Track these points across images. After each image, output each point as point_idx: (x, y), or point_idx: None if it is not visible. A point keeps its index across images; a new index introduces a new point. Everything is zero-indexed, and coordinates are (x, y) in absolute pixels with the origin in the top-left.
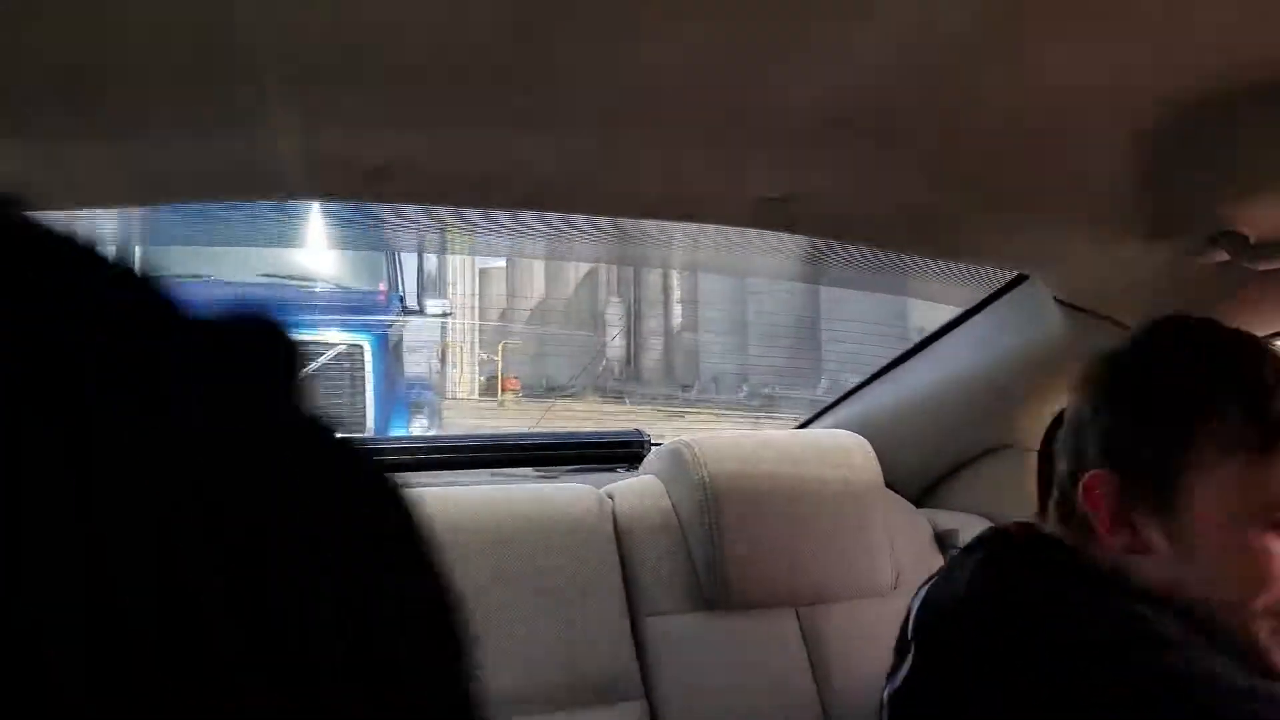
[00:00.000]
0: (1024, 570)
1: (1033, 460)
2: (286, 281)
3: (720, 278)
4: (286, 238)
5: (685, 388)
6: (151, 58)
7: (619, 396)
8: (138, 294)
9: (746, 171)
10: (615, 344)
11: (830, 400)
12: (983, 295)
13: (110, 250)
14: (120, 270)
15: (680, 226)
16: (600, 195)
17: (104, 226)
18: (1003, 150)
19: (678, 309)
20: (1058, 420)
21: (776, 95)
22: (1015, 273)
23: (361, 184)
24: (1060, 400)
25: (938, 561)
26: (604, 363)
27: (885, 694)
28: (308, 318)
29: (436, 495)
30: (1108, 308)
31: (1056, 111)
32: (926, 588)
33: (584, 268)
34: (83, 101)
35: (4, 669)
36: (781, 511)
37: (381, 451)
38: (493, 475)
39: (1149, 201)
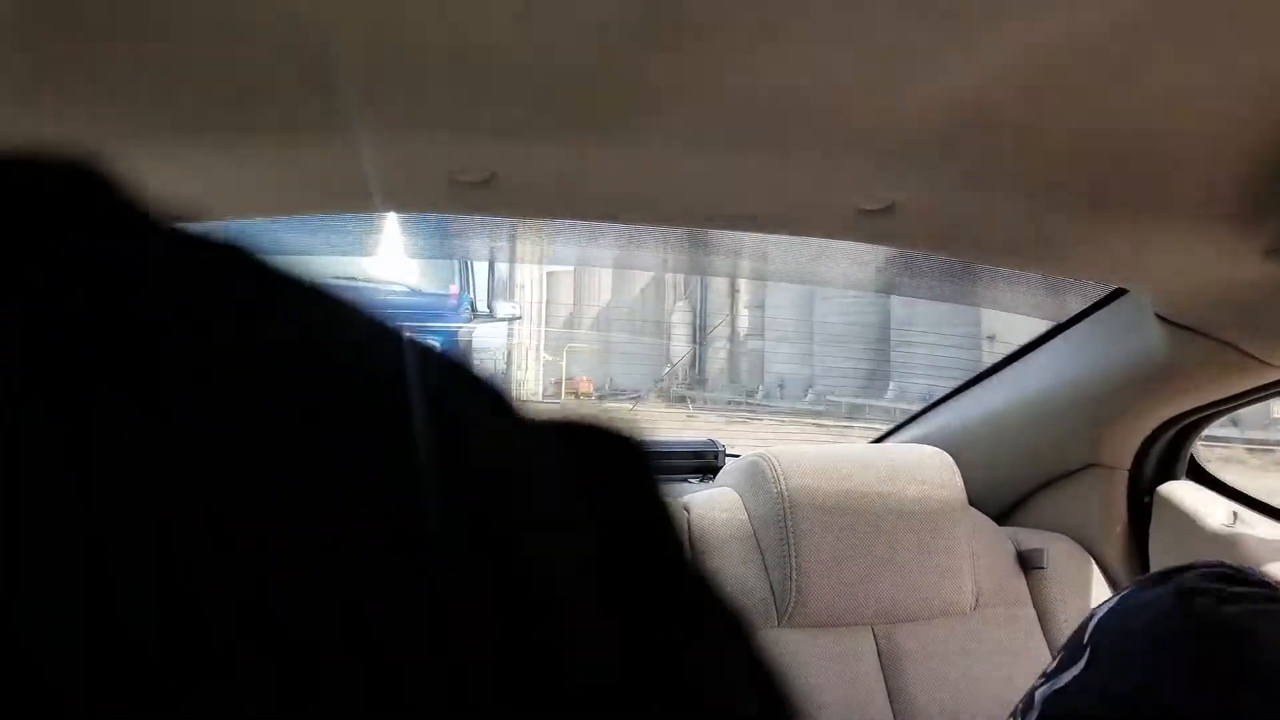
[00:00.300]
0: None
1: (1122, 480)
2: (360, 284)
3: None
4: (361, 247)
5: (750, 393)
6: (258, 71)
7: (683, 401)
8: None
9: (849, 184)
10: (680, 348)
11: (902, 407)
12: (1074, 309)
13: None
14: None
15: (751, 236)
16: (700, 208)
17: None
18: (1116, 164)
19: (744, 313)
20: (1150, 439)
21: (885, 108)
22: (1112, 287)
23: (459, 196)
24: (1155, 419)
25: (1020, 582)
26: (669, 366)
27: (1040, 693)
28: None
29: None
30: (1213, 326)
31: (1177, 124)
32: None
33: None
34: (189, 117)
35: (2, 669)
36: (860, 527)
37: None
38: None
39: (1268, 218)
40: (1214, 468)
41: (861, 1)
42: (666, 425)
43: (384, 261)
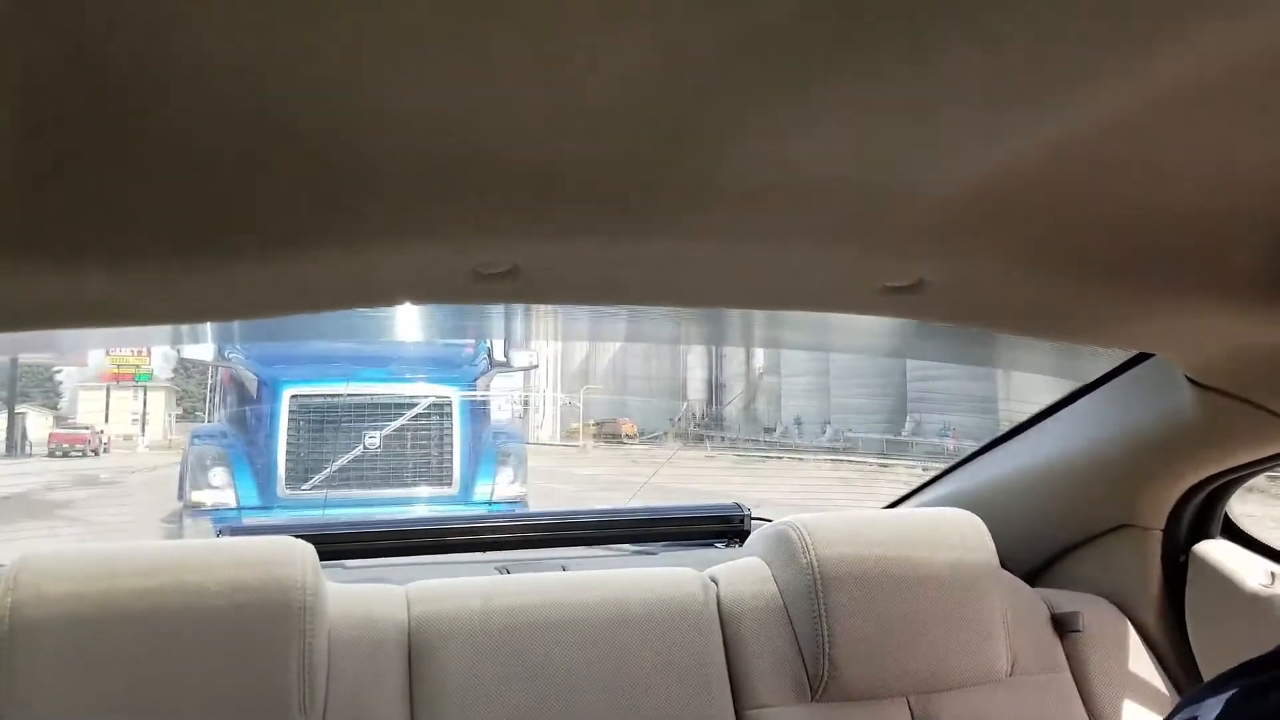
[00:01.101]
0: None
1: (1155, 540)
2: (379, 338)
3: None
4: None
5: (768, 430)
6: (291, 182)
7: (700, 440)
8: None
9: (876, 264)
10: (697, 387)
11: (918, 441)
12: (1098, 370)
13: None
14: None
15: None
16: (725, 290)
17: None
18: (1141, 238)
19: (760, 352)
20: (1184, 499)
21: (912, 192)
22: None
23: (482, 288)
24: (1188, 479)
25: (1056, 646)
26: (685, 406)
27: None
28: (397, 371)
29: (542, 580)
30: (1244, 388)
31: (1201, 199)
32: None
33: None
34: (232, 225)
35: None
36: (892, 595)
37: (479, 531)
38: (589, 550)
39: None
40: (1235, 496)
41: (889, 92)
42: (687, 465)
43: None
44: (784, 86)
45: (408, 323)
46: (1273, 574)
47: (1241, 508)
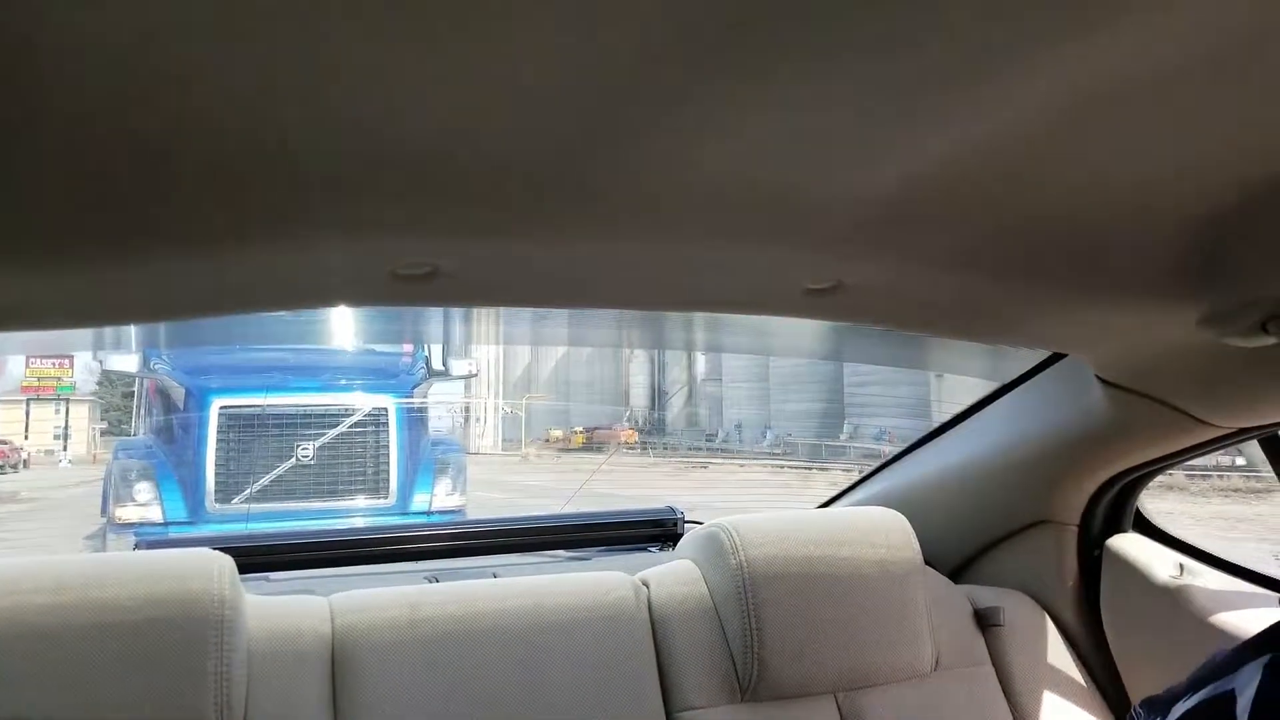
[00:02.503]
0: None
1: (1071, 535)
2: (312, 344)
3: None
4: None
5: (709, 436)
6: (212, 180)
7: (642, 447)
8: None
9: (796, 267)
10: (639, 394)
11: (856, 445)
12: (1019, 371)
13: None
14: None
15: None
16: (648, 291)
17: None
18: (1055, 240)
19: (701, 358)
20: (1097, 494)
21: (831, 195)
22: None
23: (400, 290)
24: (1101, 475)
25: (979, 641)
26: (628, 413)
27: None
28: (331, 381)
29: (470, 588)
30: (1152, 387)
31: (1114, 204)
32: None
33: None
34: (141, 224)
35: None
36: (819, 594)
37: (407, 540)
38: (522, 557)
39: (1201, 285)
40: (1156, 494)
41: (804, 95)
42: (630, 471)
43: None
44: (700, 88)
45: (343, 328)
46: (1181, 566)
47: (1161, 504)
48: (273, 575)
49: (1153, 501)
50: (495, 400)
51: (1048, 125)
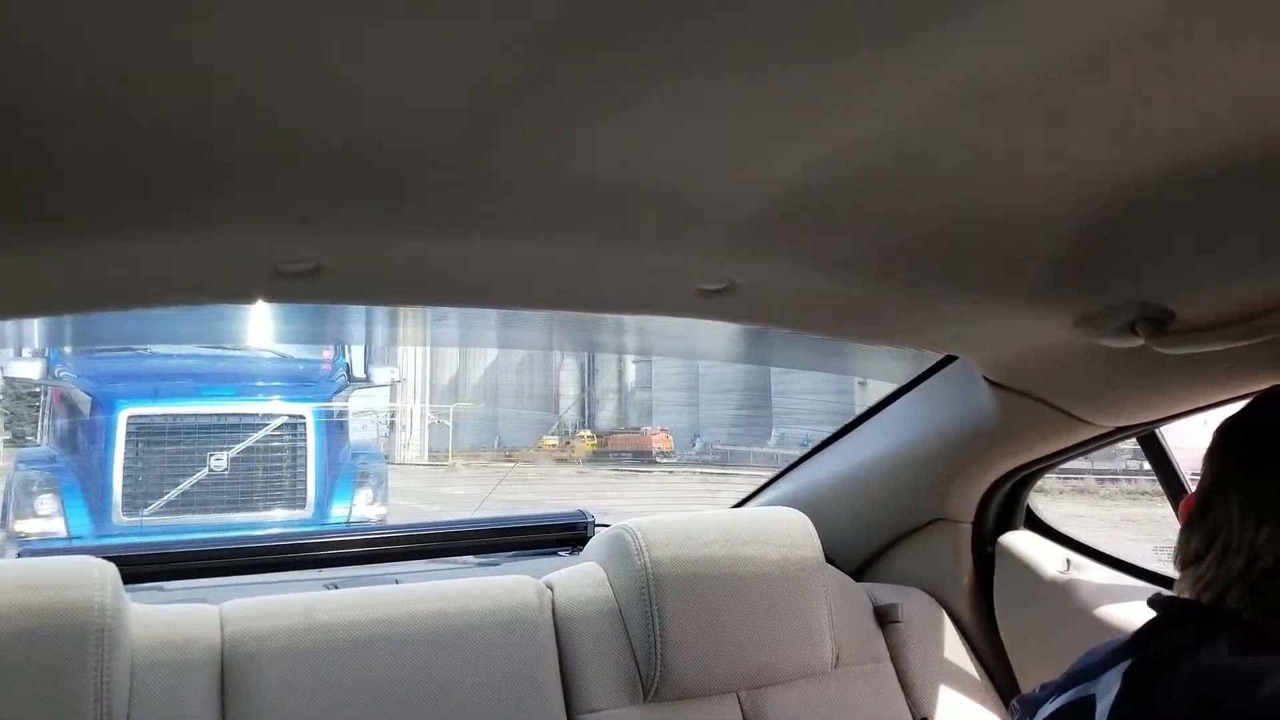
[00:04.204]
0: None
1: (966, 533)
2: (226, 350)
3: (695, 331)
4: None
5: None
6: (81, 163)
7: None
8: None
9: (688, 266)
10: (569, 403)
11: (782, 453)
12: (917, 372)
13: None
14: None
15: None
16: (538, 291)
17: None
18: (940, 243)
19: (632, 367)
20: (989, 493)
21: (720, 194)
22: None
23: (284, 287)
24: (992, 474)
25: (878, 637)
26: (557, 421)
27: None
28: (247, 388)
29: (368, 594)
30: (1036, 388)
31: (995, 208)
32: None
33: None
34: (13, 208)
35: None
36: (723, 594)
37: (307, 548)
38: (430, 563)
39: (1075, 288)
40: (1067, 498)
41: (689, 95)
42: (559, 480)
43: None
44: (581, 87)
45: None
46: (1068, 561)
47: (1073, 508)
48: (167, 585)
49: (1064, 505)
50: (422, 407)
51: (924, 129)
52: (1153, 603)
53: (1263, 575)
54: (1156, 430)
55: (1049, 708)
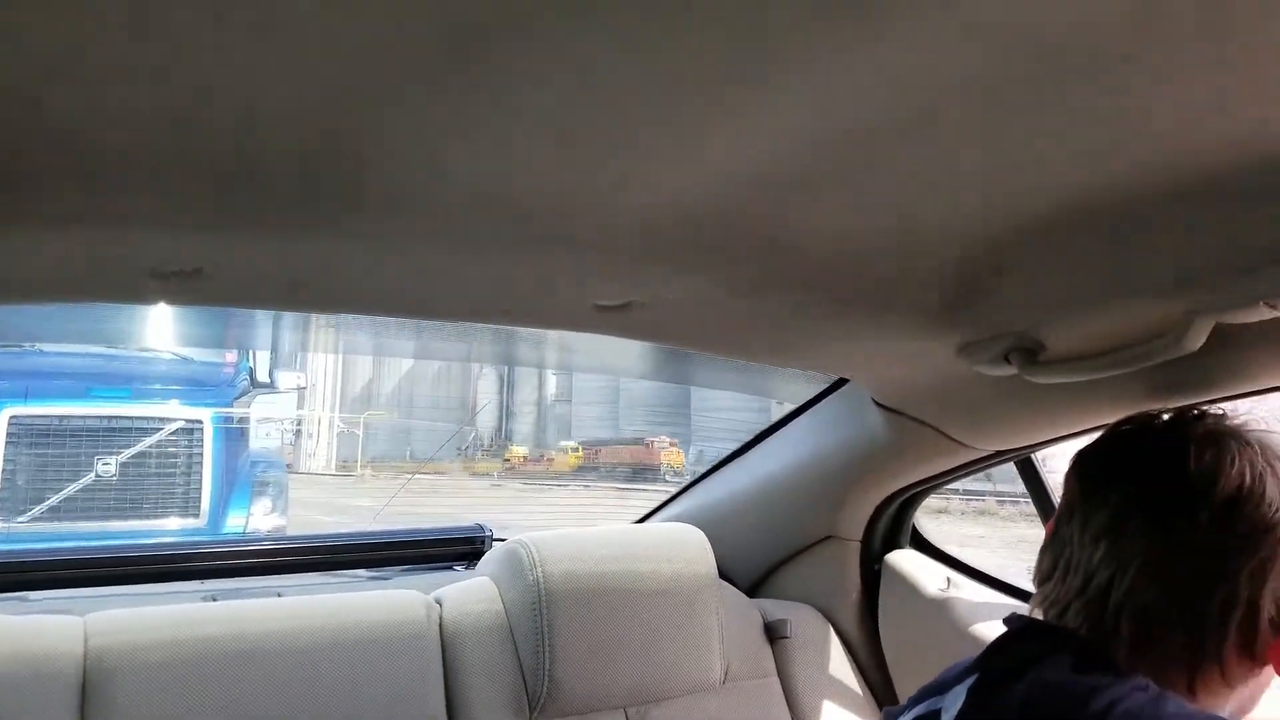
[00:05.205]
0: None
1: (855, 551)
2: (121, 350)
3: (605, 347)
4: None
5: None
6: None
7: (475, 470)
8: None
9: (585, 282)
10: (487, 414)
11: (699, 470)
12: (813, 393)
13: None
14: None
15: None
16: (432, 301)
17: None
18: (829, 266)
19: (552, 380)
20: (878, 512)
21: (611, 211)
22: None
23: (163, 288)
24: (880, 493)
25: (767, 653)
26: (474, 433)
27: None
28: (142, 390)
29: (246, 607)
30: (920, 411)
31: (882, 231)
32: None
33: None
34: None
35: None
36: (616, 610)
37: (186, 558)
38: (321, 577)
39: (956, 317)
40: (970, 519)
41: (573, 115)
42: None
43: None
44: (467, 96)
45: (158, 330)
46: (949, 579)
47: (974, 529)
48: (31, 595)
49: (966, 527)
50: (331, 415)
51: (815, 157)
52: (1006, 620)
53: (1097, 593)
54: (1032, 455)
55: None
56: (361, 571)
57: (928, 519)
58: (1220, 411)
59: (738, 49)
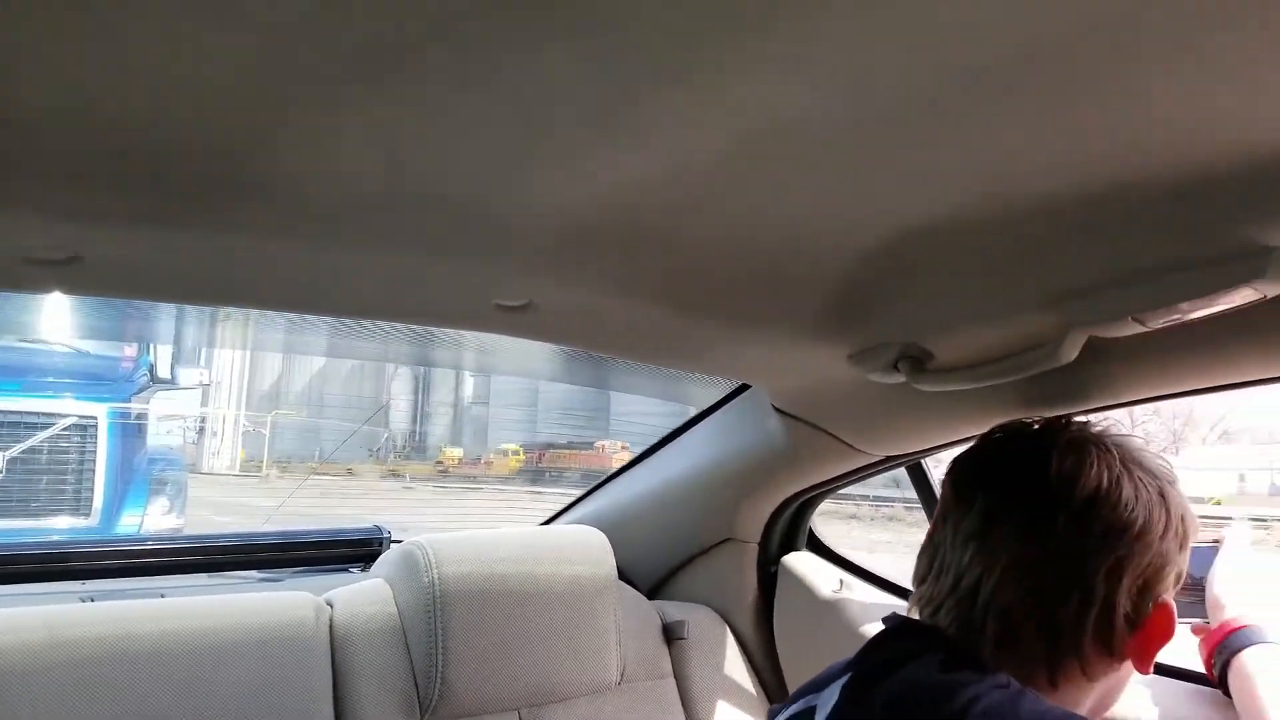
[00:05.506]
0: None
1: (753, 553)
2: (12, 343)
3: (525, 350)
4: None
5: (474, 460)
6: None
7: (398, 473)
8: None
9: (485, 282)
10: (401, 415)
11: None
12: (716, 399)
13: None
14: None
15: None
16: (315, 296)
17: None
18: (727, 273)
19: (470, 381)
20: (775, 514)
21: (510, 212)
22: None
23: (37, 276)
24: (778, 496)
25: (664, 653)
26: (386, 434)
27: None
28: (34, 384)
29: (126, 608)
30: (816, 417)
31: (774, 242)
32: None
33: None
34: None
35: None
36: (512, 611)
37: (91, 556)
38: (210, 579)
39: (848, 326)
40: (879, 525)
41: (471, 115)
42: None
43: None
44: (361, 91)
45: (53, 321)
46: (841, 580)
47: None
48: None
49: (875, 532)
50: (237, 414)
51: (711, 165)
52: (885, 620)
53: (966, 592)
54: (922, 460)
55: (780, 716)
56: (252, 573)
57: (837, 525)
58: (1085, 421)
59: (637, 62)
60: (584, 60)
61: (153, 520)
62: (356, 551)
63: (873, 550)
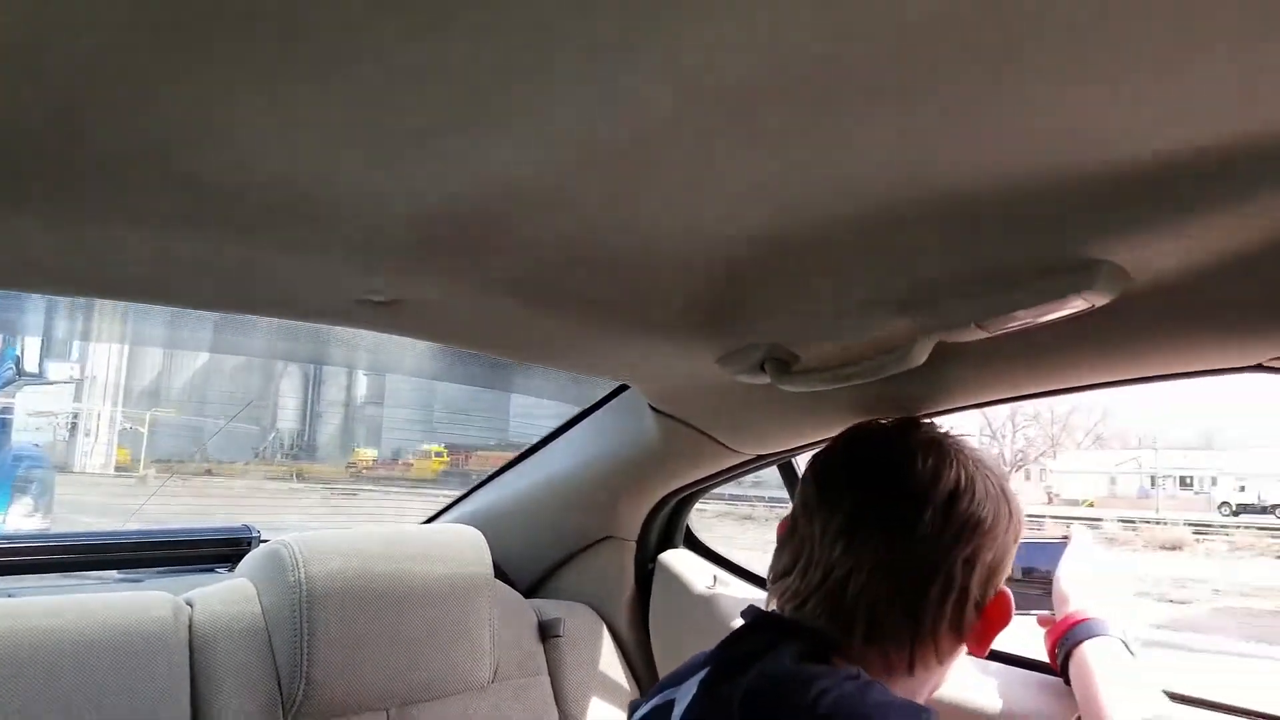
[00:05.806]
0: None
1: (631, 550)
2: None
3: (412, 348)
4: None
5: (390, 463)
6: None
7: (286, 474)
8: None
9: (347, 276)
10: (289, 414)
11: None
12: (595, 399)
13: None
14: None
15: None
16: (164, 286)
17: None
18: (595, 273)
19: (363, 379)
20: (653, 512)
21: (367, 208)
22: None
23: None
24: (655, 494)
25: (539, 651)
26: (274, 434)
27: None
28: None
29: None
30: (690, 416)
31: (638, 243)
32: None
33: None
34: None
35: None
36: (382, 610)
37: None
38: (66, 579)
39: (715, 328)
40: (771, 525)
41: (342, 101)
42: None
43: None
44: (202, 70)
45: None
46: (715, 577)
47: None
48: None
49: (769, 532)
50: (112, 411)
51: (577, 162)
52: (744, 614)
53: (836, 586)
54: (792, 459)
55: (641, 710)
56: (112, 573)
57: (731, 525)
58: (931, 422)
59: (500, 58)
60: (450, 60)
61: (14, 521)
62: (223, 551)
63: (766, 550)
